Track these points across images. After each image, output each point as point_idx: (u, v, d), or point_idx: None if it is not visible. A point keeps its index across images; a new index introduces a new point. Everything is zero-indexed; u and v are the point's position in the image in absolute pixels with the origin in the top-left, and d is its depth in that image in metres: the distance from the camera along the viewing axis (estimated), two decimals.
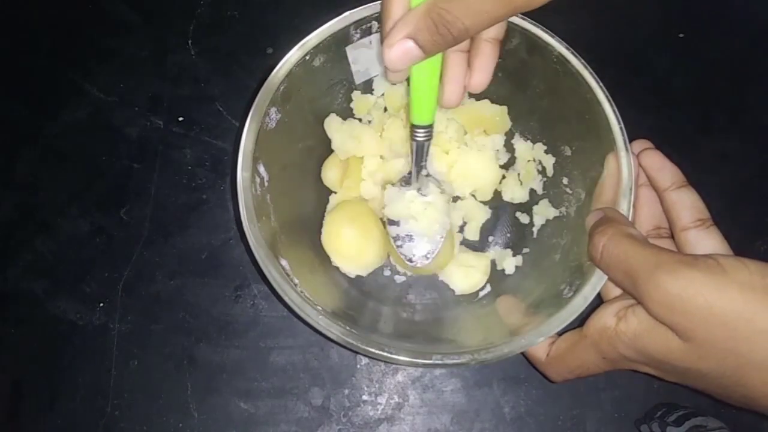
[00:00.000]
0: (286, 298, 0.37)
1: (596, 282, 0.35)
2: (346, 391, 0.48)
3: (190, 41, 0.57)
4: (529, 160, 0.49)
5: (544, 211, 0.47)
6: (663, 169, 0.39)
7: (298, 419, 0.48)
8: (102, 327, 0.49)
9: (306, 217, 0.47)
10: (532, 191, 0.49)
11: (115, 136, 0.54)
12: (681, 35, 0.57)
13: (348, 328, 0.36)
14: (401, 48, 0.29)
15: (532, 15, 0.40)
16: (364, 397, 0.48)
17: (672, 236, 0.40)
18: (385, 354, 0.35)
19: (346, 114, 0.48)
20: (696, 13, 0.58)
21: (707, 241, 0.37)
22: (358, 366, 0.49)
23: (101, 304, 0.50)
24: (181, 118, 0.55)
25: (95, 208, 0.53)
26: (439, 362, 0.35)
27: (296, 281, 0.38)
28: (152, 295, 0.50)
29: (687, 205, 0.38)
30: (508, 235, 0.49)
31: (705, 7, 0.58)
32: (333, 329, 0.36)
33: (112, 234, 0.52)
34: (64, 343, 0.49)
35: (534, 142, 0.48)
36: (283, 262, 0.38)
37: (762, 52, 0.57)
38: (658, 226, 0.41)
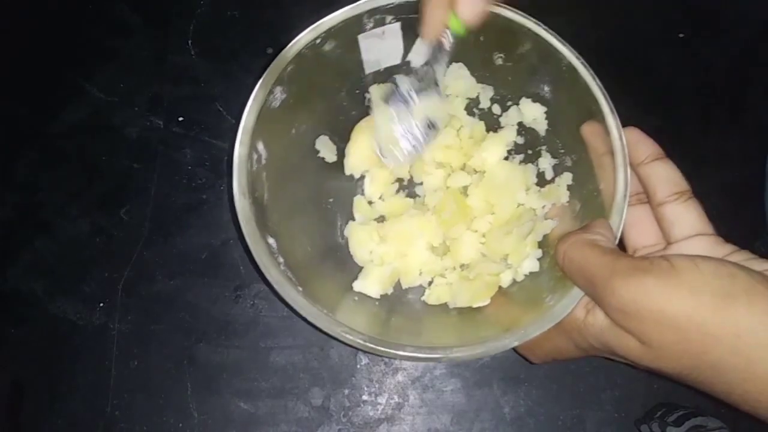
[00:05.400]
0: (267, 275, 0.37)
1: (577, 294, 0.35)
2: (346, 391, 0.48)
3: (190, 41, 0.57)
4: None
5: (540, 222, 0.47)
6: (638, 143, 0.38)
7: (298, 419, 0.48)
8: (102, 327, 0.49)
9: (302, 200, 0.47)
10: None
11: (115, 136, 0.54)
12: (681, 35, 0.57)
13: (324, 312, 0.36)
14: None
15: (539, 17, 0.40)
16: (364, 397, 0.48)
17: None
18: (359, 342, 0.35)
19: (353, 104, 0.48)
20: (696, 13, 0.58)
21: (685, 216, 0.36)
22: (358, 366, 0.49)
23: (101, 304, 0.50)
24: (181, 118, 0.55)
25: (95, 208, 0.53)
26: (411, 354, 0.35)
27: (281, 260, 0.38)
28: (152, 295, 0.50)
29: (662, 178, 0.37)
30: None
31: (705, 7, 0.58)
32: (309, 310, 0.36)
33: (112, 234, 0.52)
34: (64, 343, 0.49)
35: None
36: (270, 240, 0.38)
37: (762, 52, 0.57)
38: (637, 192, 0.40)
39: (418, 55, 0.46)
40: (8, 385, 0.48)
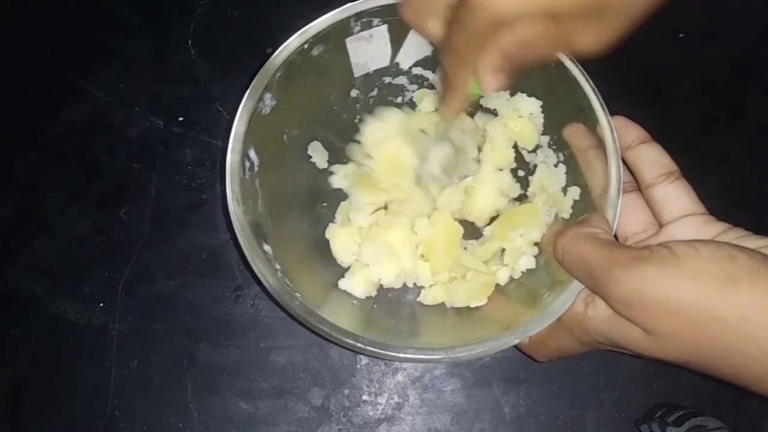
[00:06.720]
0: (264, 283, 0.37)
1: (574, 289, 0.35)
2: (346, 391, 0.49)
3: (190, 41, 0.57)
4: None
5: None
6: (624, 129, 0.38)
7: (298, 419, 0.48)
8: (102, 327, 0.49)
9: (296, 206, 0.47)
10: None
11: (115, 136, 0.54)
12: (681, 35, 0.57)
13: (324, 316, 0.36)
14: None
15: None
16: (364, 397, 0.48)
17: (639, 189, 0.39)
18: (359, 346, 0.35)
19: (344, 108, 0.48)
20: (696, 13, 0.58)
21: (674, 196, 0.36)
22: (358, 366, 0.49)
23: (101, 304, 0.50)
24: (181, 118, 0.55)
25: (95, 208, 0.53)
26: (413, 356, 0.35)
27: (278, 267, 0.38)
28: (152, 295, 0.50)
29: (649, 160, 0.37)
30: None
31: (705, 7, 0.58)
32: (309, 317, 0.36)
33: (112, 234, 0.52)
34: (64, 343, 0.49)
35: None
36: (267, 248, 0.38)
37: (762, 52, 0.57)
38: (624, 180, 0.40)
39: (406, 57, 0.46)
40: (8, 385, 0.48)
